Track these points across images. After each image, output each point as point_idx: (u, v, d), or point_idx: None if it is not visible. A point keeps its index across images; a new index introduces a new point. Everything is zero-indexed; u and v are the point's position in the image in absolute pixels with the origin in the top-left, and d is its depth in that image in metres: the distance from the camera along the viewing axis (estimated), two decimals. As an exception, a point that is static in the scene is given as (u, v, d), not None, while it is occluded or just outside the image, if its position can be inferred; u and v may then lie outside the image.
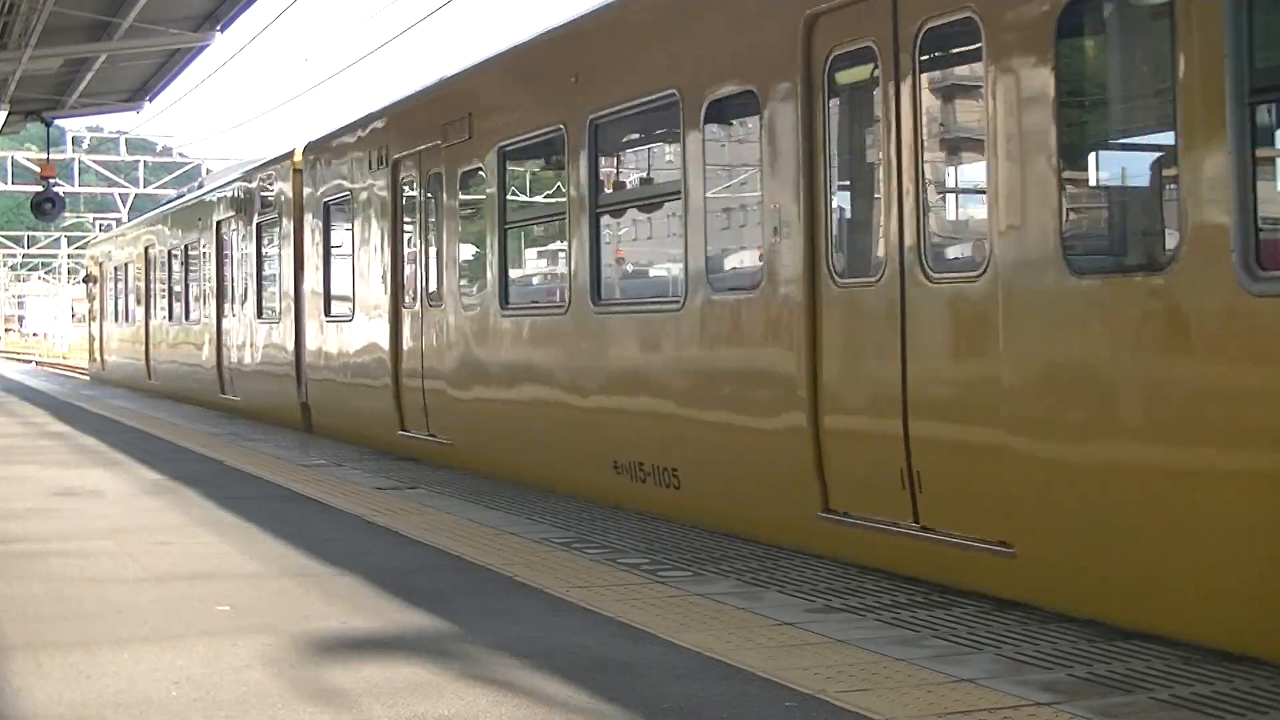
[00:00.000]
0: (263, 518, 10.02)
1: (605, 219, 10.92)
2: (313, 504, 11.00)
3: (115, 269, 33.20)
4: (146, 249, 28.63)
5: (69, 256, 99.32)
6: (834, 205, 8.27)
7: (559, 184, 11.61)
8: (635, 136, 11.27)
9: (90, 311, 38.02)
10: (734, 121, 9.41)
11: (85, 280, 39.85)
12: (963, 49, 7.42)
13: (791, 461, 8.35)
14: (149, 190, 55.12)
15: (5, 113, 24.42)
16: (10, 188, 50.18)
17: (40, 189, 28.55)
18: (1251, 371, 5.63)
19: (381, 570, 7.94)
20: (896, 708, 5.09)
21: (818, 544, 8.27)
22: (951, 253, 7.78)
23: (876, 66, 7.74)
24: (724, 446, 9.17)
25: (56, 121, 27.46)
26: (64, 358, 75.69)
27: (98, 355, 36.05)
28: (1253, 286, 5.62)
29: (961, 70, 7.68)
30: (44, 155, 30.34)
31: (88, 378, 38.18)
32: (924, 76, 7.51)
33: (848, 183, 8.44)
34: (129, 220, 42.93)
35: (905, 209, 7.52)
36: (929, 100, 7.62)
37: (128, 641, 6.21)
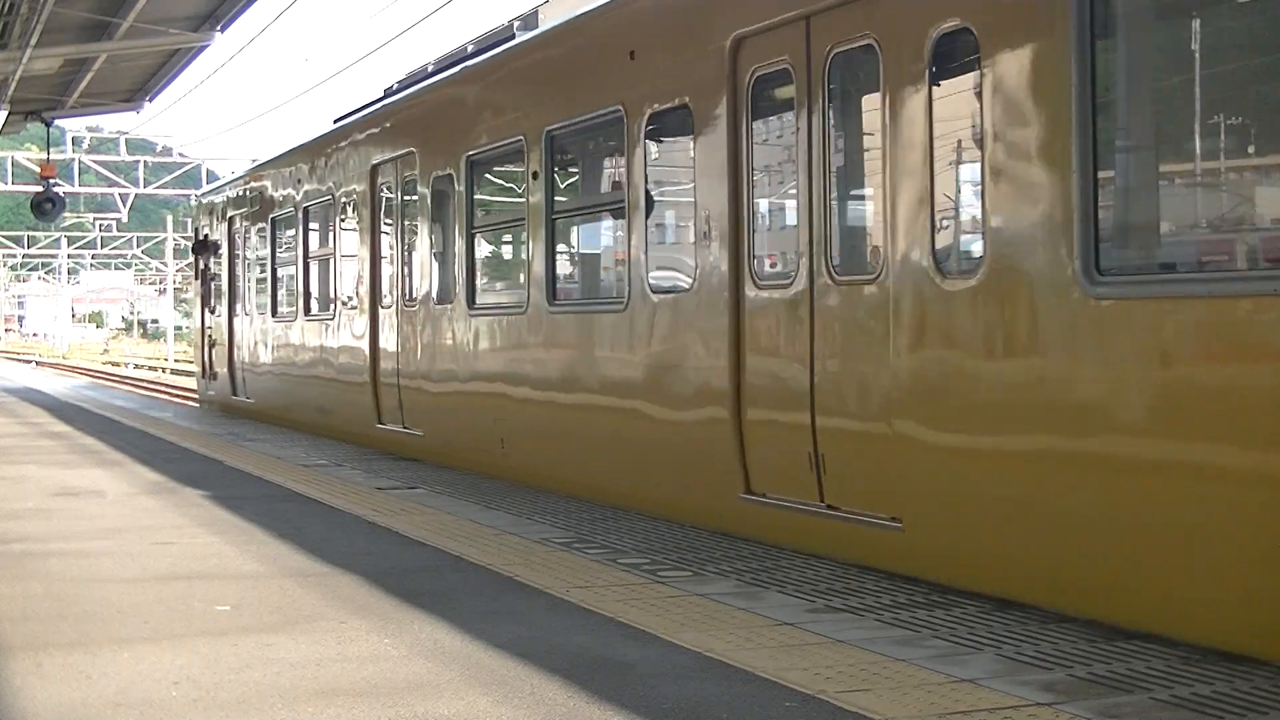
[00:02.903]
0: (263, 518, 10.02)
1: None
2: (313, 504, 11.00)
3: (274, 222, 19.70)
4: (377, 169, 15.55)
5: (69, 256, 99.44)
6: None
7: None
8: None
9: (203, 299, 23.96)
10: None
11: (196, 250, 24.31)
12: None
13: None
14: (149, 190, 55.20)
15: (5, 113, 24.42)
16: (10, 188, 50.21)
17: (40, 189, 28.54)
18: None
19: (381, 570, 7.95)
20: (896, 708, 5.09)
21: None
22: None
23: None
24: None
25: (56, 121, 27.47)
26: (64, 358, 75.83)
27: (223, 369, 22.34)
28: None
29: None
30: (44, 155, 30.33)
31: (195, 402, 26.42)
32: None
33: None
34: (127, 220, 42.01)
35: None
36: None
37: (128, 641, 6.22)
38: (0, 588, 7.44)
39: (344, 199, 16.66)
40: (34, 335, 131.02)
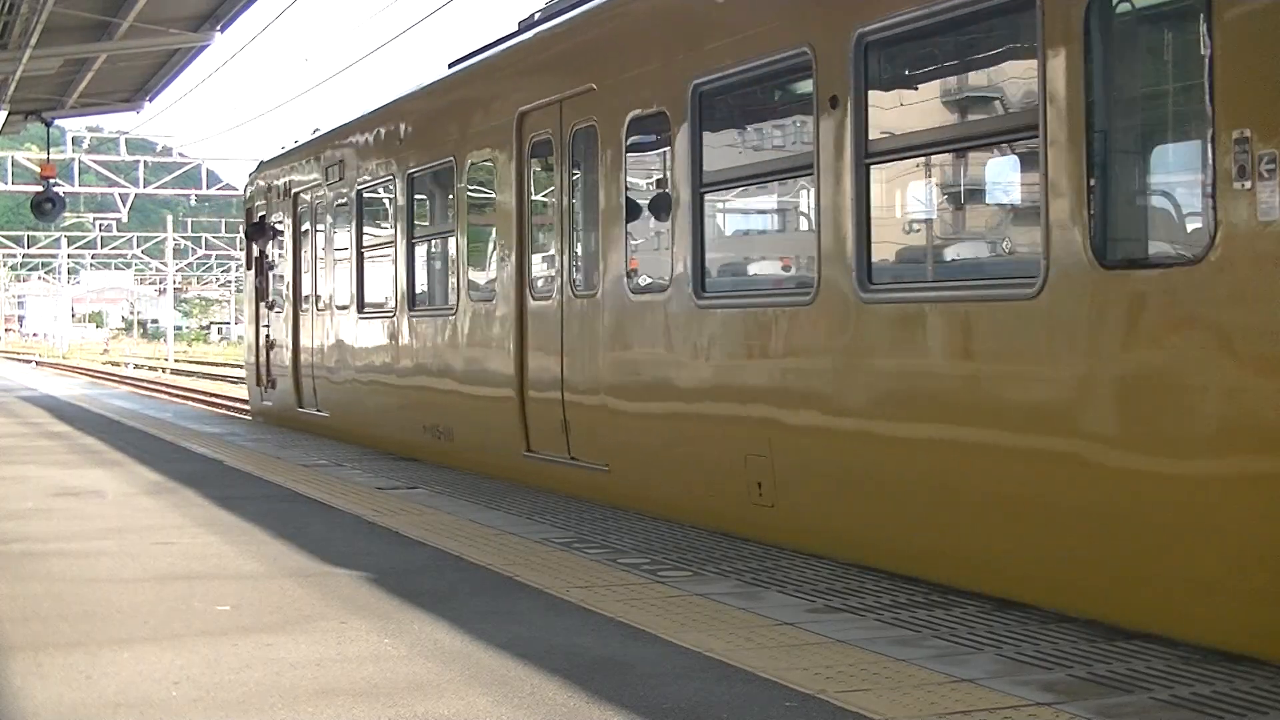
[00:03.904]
0: (263, 518, 10.02)
1: None
2: (313, 504, 11.00)
3: (361, 197, 16.13)
4: (525, 119, 12.01)
5: (69, 256, 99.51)
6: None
7: None
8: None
9: (258, 292, 20.30)
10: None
11: (250, 234, 20.43)
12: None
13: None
14: (149, 190, 55.22)
15: (5, 113, 24.44)
16: (10, 188, 50.24)
17: (40, 189, 28.54)
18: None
19: (382, 570, 7.95)
20: (896, 708, 5.09)
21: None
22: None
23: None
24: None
25: (56, 121, 27.49)
26: (64, 358, 75.83)
27: (285, 376, 19.01)
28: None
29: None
30: (44, 155, 30.34)
31: (249, 415, 22.14)
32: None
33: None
34: (127, 220, 41.68)
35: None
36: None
37: (128, 641, 6.22)
38: (0, 588, 7.44)
39: (473, 160, 13.08)
40: (34, 335, 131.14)
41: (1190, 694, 5.24)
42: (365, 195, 16.06)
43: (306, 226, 18.27)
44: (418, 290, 14.70)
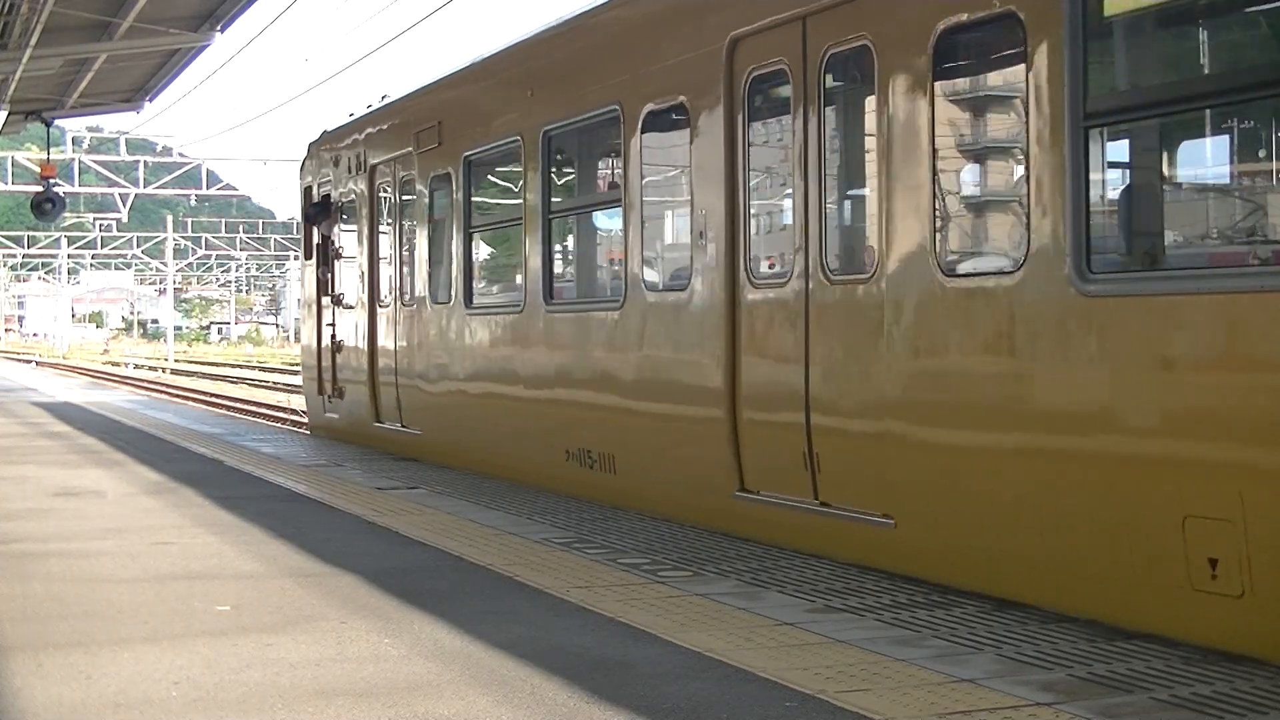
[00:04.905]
0: (263, 518, 10.02)
1: None
2: (313, 504, 11.00)
3: (470, 166, 13.25)
4: (738, 47, 9.03)
5: (69, 256, 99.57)
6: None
7: None
8: None
9: (321, 284, 17.38)
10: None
11: (310, 217, 17.53)
12: None
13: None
14: (149, 190, 55.27)
15: (5, 113, 24.45)
16: (10, 188, 50.28)
17: (40, 189, 28.56)
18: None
19: (381, 570, 7.95)
20: (896, 708, 5.09)
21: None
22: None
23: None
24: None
25: (56, 121, 27.49)
26: (64, 358, 75.87)
27: (357, 384, 16.19)
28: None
29: None
30: (44, 155, 30.36)
31: (306, 430, 19.47)
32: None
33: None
34: (127, 220, 41.74)
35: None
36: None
37: (128, 641, 6.22)
38: (0, 588, 7.44)
39: (652, 108, 10.14)
40: (34, 335, 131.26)
41: (1190, 694, 5.24)
42: (477, 164, 13.22)
43: (389, 205, 15.19)
44: (559, 279, 12.02)
